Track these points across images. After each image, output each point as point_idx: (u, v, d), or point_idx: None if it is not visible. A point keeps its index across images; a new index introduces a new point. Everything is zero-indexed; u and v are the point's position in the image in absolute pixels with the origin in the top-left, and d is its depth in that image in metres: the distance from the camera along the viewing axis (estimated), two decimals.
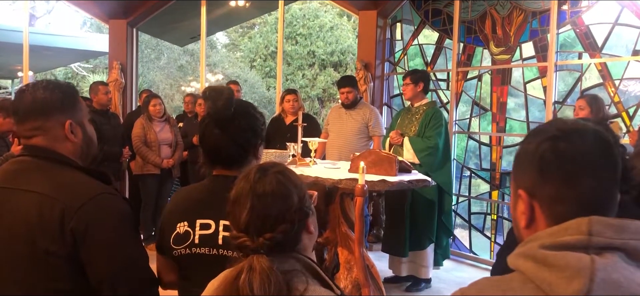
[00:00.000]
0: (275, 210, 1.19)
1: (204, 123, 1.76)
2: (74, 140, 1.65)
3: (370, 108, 5.41)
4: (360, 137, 5.28)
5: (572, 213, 0.94)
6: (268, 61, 18.47)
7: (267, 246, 1.17)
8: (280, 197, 1.20)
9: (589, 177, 0.95)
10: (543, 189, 0.97)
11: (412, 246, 4.76)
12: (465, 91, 6.03)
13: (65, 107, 1.64)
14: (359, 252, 3.64)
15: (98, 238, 1.49)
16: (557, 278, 0.87)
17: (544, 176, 0.97)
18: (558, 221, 0.95)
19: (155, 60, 18.60)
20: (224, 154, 1.73)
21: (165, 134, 6.12)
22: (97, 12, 8.03)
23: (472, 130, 6.03)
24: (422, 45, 6.50)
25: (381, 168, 3.97)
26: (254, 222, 1.19)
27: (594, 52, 4.92)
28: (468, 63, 5.98)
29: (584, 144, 0.96)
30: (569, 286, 0.86)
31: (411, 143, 4.70)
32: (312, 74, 17.82)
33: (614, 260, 0.88)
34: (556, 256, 0.89)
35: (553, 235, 0.93)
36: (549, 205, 0.97)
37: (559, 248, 0.90)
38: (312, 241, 1.30)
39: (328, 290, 1.20)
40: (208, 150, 1.76)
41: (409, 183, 3.97)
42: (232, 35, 20.99)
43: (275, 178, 1.23)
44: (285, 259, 1.19)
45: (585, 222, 0.91)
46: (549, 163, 0.97)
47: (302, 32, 17.87)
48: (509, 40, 5.54)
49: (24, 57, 7.67)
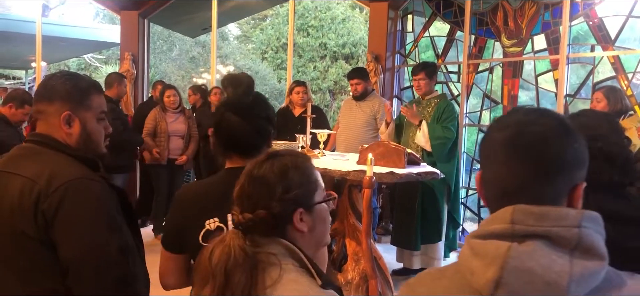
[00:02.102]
0: (256, 194, 1.22)
1: (220, 111, 1.76)
2: (67, 131, 1.65)
3: (379, 100, 5.38)
4: (369, 129, 5.26)
5: (495, 197, 0.99)
6: (280, 53, 18.46)
7: (245, 225, 1.19)
8: (265, 184, 1.22)
9: (511, 162, 0.96)
10: (484, 172, 1.03)
11: (424, 239, 4.76)
12: (476, 84, 5.99)
13: (69, 98, 1.66)
14: (367, 244, 3.64)
15: (66, 220, 1.49)
16: (478, 266, 0.91)
17: (481, 162, 1.05)
18: (489, 204, 1.01)
19: (167, 52, 18.66)
20: (244, 142, 1.74)
21: (177, 125, 6.06)
22: (109, 3, 8.07)
23: (482, 123, 6.00)
24: (433, 37, 6.46)
25: (390, 160, 3.96)
26: (239, 199, 1.23)
27: (606, 45, 4.86)
28: (479, 55, 5.93)
29: (505, 130, 0.98)
30: (485, 274, 0.89)
31: (429, 128, 4.66)
32: (324, 66, 17.78)
33: (532, 248, 0.88)
34: (481, 244, 0.93)
35: (486, 224, 0.96)
36: (487, 187, 1.02)
37: (487, 237, 0.93)
38: (307, 241, 1.25)
39: (310, 280, 1.17)
40: (226, 138, 1.76)
41: (418, 176, 3.96)
42: (244, 27, 20.99)
43: (273, 164, 1.24)
44: (269, 242, 1.20)
45: (509, 210, 0.93)
46: (483, 148, 1.04)
47: (314, 24, 17.82)
48: (520, 33, 5.49)
49: (37, 47, 7.73)
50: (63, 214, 1.49)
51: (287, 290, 1.12)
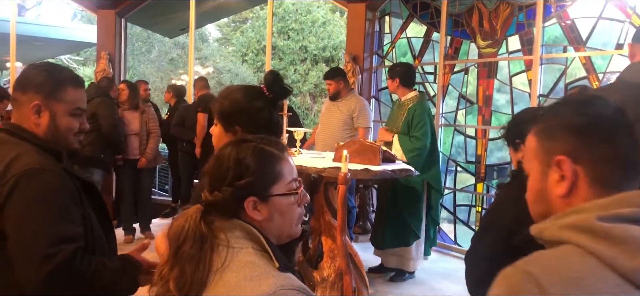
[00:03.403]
0: (213, 176, 1.25)
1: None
2: (35, 122, 1.65)
3: (356, 99, 5.38)
4: (345, 128, 5.27)
5: (616, 175, 0.97)
6: (260, 55, 18.42)
7: (205, 204, 1.23)
8: (221, 167, 1.24)
9: (623, 136, 0.98)
10: (587, 151, 0.98)
11: (397, 242, 4.76)
12: (452, 84, 6.06)
13: (41, 89, 1.65)
14: (341, 240, 3.66)
15: (12, 208, 1.50)
16: (622, 252, 0.86)
17: (586, 138, 0.98)
18: (603, 184, 0.97)
19: (146, 53, 18.50)
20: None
21: (132, 125, 5.74)
22: (86, 3, 7.99)
23: (458, 124, 6.07)
24: (410, 39, 6.52)
25: (365, 157, 3.98)
26: (205, 174, 1.28)
27: (578, 46, 4.96)
28: (455, 56, 6.00)
29: (608, 107, 1.01)
30: (633, 261, 0.85)
31: (400, 142, 4.69)
32: (304, 69, 17.80)
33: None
34: (615, 228, 0.88)
35: (607, 207, 0.92)
36: (594, 166, 0.98)
37: (616, 221, 0.89)
38: (265, 229, 1.23)
39: (267, 263, 1.15)
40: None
41: (392, 173, 3.99)
42: (224, 29, 20.93)
43: (235, 149, 1.26)
44: (231, 224, 1.21)
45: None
46: (587, 126, 0.99)
47: (295, 27, 17.83)
48: (495, 34, 5.57)
49: (11, 47, 7.64)
50: (11, 202, 1.50)
51: (239, 273, 1.12)
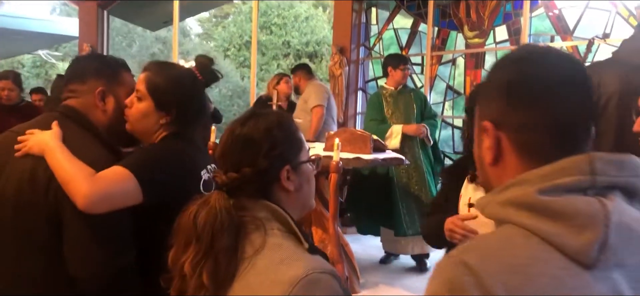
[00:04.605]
0: (240, 152, 1.17)
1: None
2: (103, 108, 1.65)
3: (309, 86, 5.50)
4: (305, 116, 5.31)
5: (543, 142, 0.85)
6: (242, 51, 18.30)
7: (229, 185, 1.15)
8: (250, 141, 1.18)
9: (559, 98, 0.84)
10: (511, 117, 0.87)
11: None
12: (439, 75, 6.06)
13: (100, 75, 1.66)
14: (334, 228, 3.64)
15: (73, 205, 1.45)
16: (566, 229, 0.76)
17: (512, 102, 0.87)
18: (531, 153, 0.86)
19: (127, 48, 18.25)
20: None
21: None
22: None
23: (445, 115, 6.07)
24: (397, 30, 6.51)
25: (356, 146, 3.97)
26: (222, 159, 1.20)
27: (565, 36, 4.99)
28: (442, 47, 6.00)
29: (554, 64, 0.87)
30: (582, 236, 0.75)
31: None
32: (287, 65, 17.71)
33: (618, 201, 0.78)
34: (559, 202, 0.78)
35: (547, 177, 0.80)
36: (517, 133, 0.87)
37: (560, 192, 0.79)
38: (293, 202, 1.22)
39: (296, 245, 1.13)
40: None
41: (383, 161, 3.99)
42: (206, 25, 20.76)
43: (258, 122, 1.20)
44: (255, 204, 1.16)
45: (586, 159, 0.80)
46: (516, 86, 0.87)
47: (277, 22, 17.74)
48: (482, 24, 5.58)
49: None
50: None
51: (268, 257, 1.08)
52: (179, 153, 1.62)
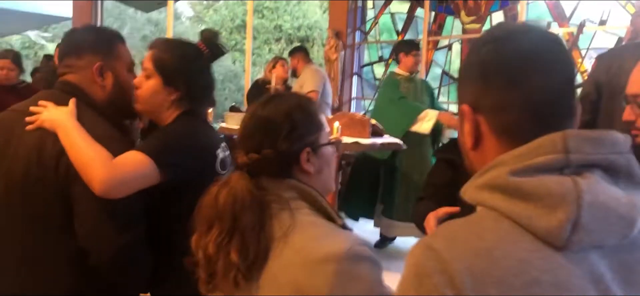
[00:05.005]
0: (262, 134, 1.18)
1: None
2: (101, 84, 1.62)
3: (306, 71, 5.41)
4: None
5: (521, 122, 0.82)
6: (234, 34, 18.17)
7: (250, 166, 1.16)
8: (271, 122, 1.18)
9: (535, 76, 0.81)
10: (487, 98, 0.84)
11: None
12: (435, 61, 6.06)
13: (97, 49, 1.62)
14: None
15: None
16: (537, 209, 0.74)
17: (487, 82, 0.84)
18: (510, 135, 0.82)
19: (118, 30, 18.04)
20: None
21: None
22: None
23: (441, 101, 6.08)
24: (393, 14, 6.49)
25: (354, 130, 3.97)
26: (243, 139, 1.20)
27: (562, 22, 5.00)
28: (439, 32, 6.00)
29: (530, 41, 0.84)
30: (553, 217, 0.73)
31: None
32: (279, 49, 17.63)
33: (595, 180, 0.75)
34: (530, 182, 0.75)
35: (521, 157, 0.78)
36: (494, 115, 0.84)
37: (532, 173, 0.76)
38: (313, 184, 1.21)
39: (329, 222, 1.14)
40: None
41: (382, 146, 4.01)
42: (197, 8, 20.57)
43: (278, 104, 1.21)
44: (279, 184, 1.16)
45: (559, 137, 0.77)
46: (490, 66, 0.84)
47: (269, 5, 17.63)
48: (479, 10, 5.58)
49: None
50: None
51: (303, 233, 1.08)
52: (195, 132, 1.62)
